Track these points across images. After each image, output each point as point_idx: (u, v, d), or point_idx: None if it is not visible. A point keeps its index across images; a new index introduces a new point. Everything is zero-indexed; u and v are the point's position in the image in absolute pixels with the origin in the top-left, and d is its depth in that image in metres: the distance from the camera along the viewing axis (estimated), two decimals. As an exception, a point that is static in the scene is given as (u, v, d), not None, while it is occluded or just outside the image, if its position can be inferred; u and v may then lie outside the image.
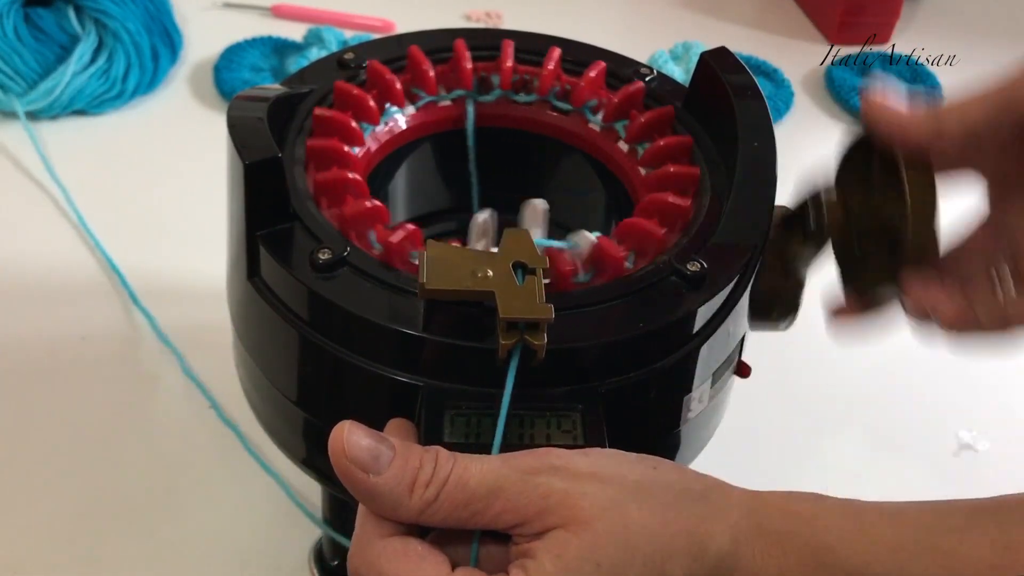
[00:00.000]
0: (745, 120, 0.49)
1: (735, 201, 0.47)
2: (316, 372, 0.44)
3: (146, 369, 0.67)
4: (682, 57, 0.98)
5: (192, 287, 0.72)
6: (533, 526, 0.35)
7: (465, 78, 0.53)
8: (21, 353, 0.67)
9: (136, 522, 0.59)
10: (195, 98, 0.90)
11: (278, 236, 0.43)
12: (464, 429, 0.39)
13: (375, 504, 0.35)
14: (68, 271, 0.73)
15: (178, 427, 0.64)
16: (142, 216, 0.78)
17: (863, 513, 0.38)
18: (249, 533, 0.59)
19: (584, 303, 0.42)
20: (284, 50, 0.95)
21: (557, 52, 0.54)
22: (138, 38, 0.86)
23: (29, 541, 0.58)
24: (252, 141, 0.43)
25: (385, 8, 1.02)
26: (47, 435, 0.63)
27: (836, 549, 0.37)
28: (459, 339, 0.40)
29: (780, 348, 0.56)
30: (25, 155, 0.82)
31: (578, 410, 0.40)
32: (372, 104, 0.51)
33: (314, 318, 0.42)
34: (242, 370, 0.50)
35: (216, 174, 0.48)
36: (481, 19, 1.05)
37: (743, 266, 0.45)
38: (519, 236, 0.41)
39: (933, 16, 1.15)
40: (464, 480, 0.35)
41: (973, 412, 0.71)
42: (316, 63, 0.54)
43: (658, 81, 0.55)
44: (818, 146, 0.96)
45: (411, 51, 0.53)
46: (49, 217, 0.77)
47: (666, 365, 0.42)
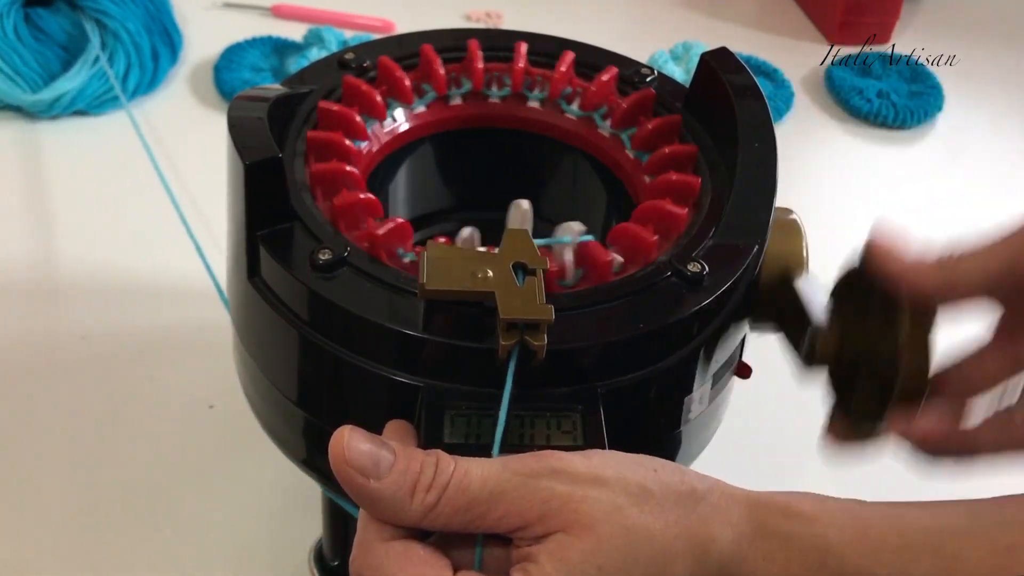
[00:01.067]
0: (745, 120, 0.49)
1: (735, 201, 0.47)
2: (316, 372, 0.44)
3: (146, 369, 0.67)
4: (682, 57, 0.98)
5: (192, 287, 0.72)
6: (534, 530, 0.35)
7: (477, 77, 0.54)
8: (21, 353, 0.67)
9: (136, 522, 0.59)
10: (195, 98, 0.90)
11: (278, 236, 0.43)
12: (464, 429, 0.39)
13: (376, 509, 0.35)
14: (68, 271, 0.73)
15: (178, 427, 0.64)
16: (142, 216, 0.78)
17: (865, 514, 0.38)
18: (249, 533, 0.59)
19: (584, 303, 0.42)
20: (284, 50, 0.95)
21: (571, 56, 0.54)
22: (138, 38, 0.86)
23: (29, 541, 0.58)
24: (252, 141, 0.43)
25: (385, 8, 1.02)
26: (47, 435, 0.63)
27: (838, 551, 0.36)
28: (459, 339, 0.40)
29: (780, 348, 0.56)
30: (25, 154, 0.82)
31: (578, 411, 0.40)
32: (379, 99, 0.51)
33: (314, 318, 0.42)
34: (242, 370, 0.50)
35: (216, 174, 0.48)
36: (481, 19, 1.05)
37: (743, 266, 0.45)
38: (519, 236, 0.41)
39: (933, 16, 1.15)
40: (465, 484, 0.35)
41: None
42: (316, 63, 0.54)
43: (658, 81, 0.55)
44: (818, 146, 0.97)
45: (423, 49, 0.53)
46: (49, 217, 0.77)
47: (666, 366, 0.42)
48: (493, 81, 0.55)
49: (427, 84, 0.54)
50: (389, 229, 0.43)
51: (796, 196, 0.51)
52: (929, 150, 0.96)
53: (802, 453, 0.68)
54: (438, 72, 0.53)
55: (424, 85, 0.54)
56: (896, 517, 0.38)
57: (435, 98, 0.54)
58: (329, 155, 0.47)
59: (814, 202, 0.88)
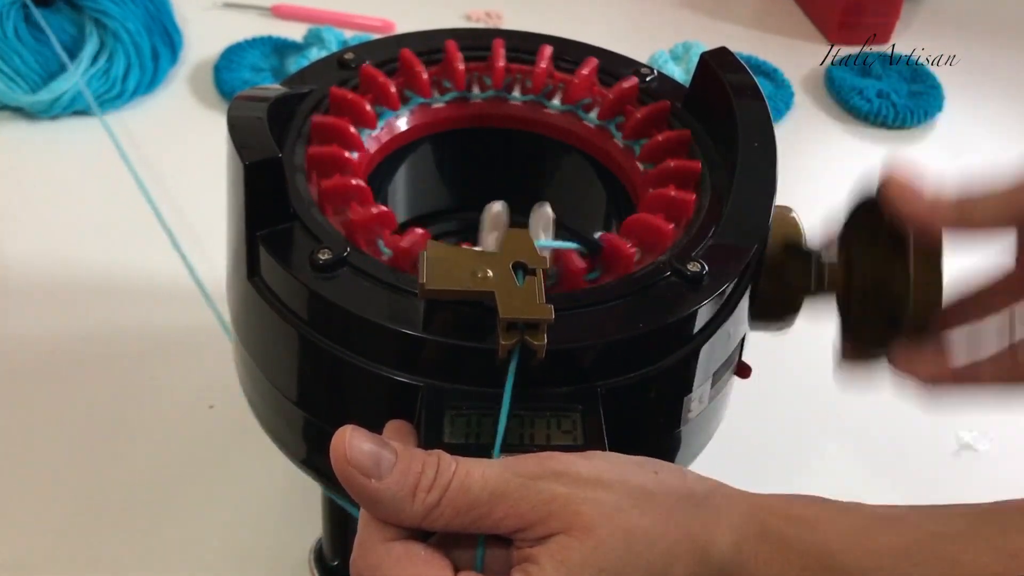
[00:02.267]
0: (745, 120, 0.49)
1: (735, 201, 0.47)
2: (316, 372, 0.44)
3: (146, 369, 0.67)
4: (682, 57, 0.98)
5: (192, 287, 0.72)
6: (535, 531, 0.35)
7: (458, 79, 0.53)
8: (21, 353, 0.67)
9: (136, 522, 0.59)
10: (195, 98, 0.90)
11: (278, 236, 0.43)
12: (464, 429, 0.39)
13: (377, 509, 0.35)
14: (67, 271, 0.73)
15: (178, 427, 0.64)
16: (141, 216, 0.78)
17: (865, 518, 0.38)
18: (249, 533, 0.59)
19: (584, 303, 0.42)
20: (284, 50, 0.95)
21: (549, 50, 0.54)
22: (138, 38, 0.86)
23: (29, 541, 0.58)
24: (252, 141, 0.43)
25: (385, 8, 1.02)
26: (47, 435, 0.63)
27: (838, 554, 0.36)
28: (459, 339, 0.40)
29: (780, 348, 0.56)
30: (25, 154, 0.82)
31: (578, 410, 0.40)
32: (368, 108, 0.51)
33: (314, 318, 0.42)
34: (242, 370, 0.50)
35: (216, 174, 0.48)
36: (481, 19, 1.05)
37: (743, 266, 0.45)
38: (519, 236, 0.41)
39: (933, 16, 1.15)
40: (466, 485, 0.35)
41: (973, 412, 0.71)
42: (316, 63, 0.54)
43: (658, 81, 0.55)
44: (818, 146, 0.97)
45: (402, 54, 0.53)
46: (49, 216, 0.77)
47: (666, 365, 0.42)
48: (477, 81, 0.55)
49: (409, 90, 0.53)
50: (413, 242, 0.43)
51: (796, 196, 0.51)
52: (929, 150, 0.96)
53: (803, 454, 0.68)
54: (420, 76, 0.53)
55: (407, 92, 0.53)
56: (897, 521, 0.38)
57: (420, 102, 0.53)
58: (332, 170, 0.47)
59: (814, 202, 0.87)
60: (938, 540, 0.37)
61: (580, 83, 0.53)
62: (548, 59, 0.54)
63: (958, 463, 0.68)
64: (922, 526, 0.37)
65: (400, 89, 0.53)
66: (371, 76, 0.52)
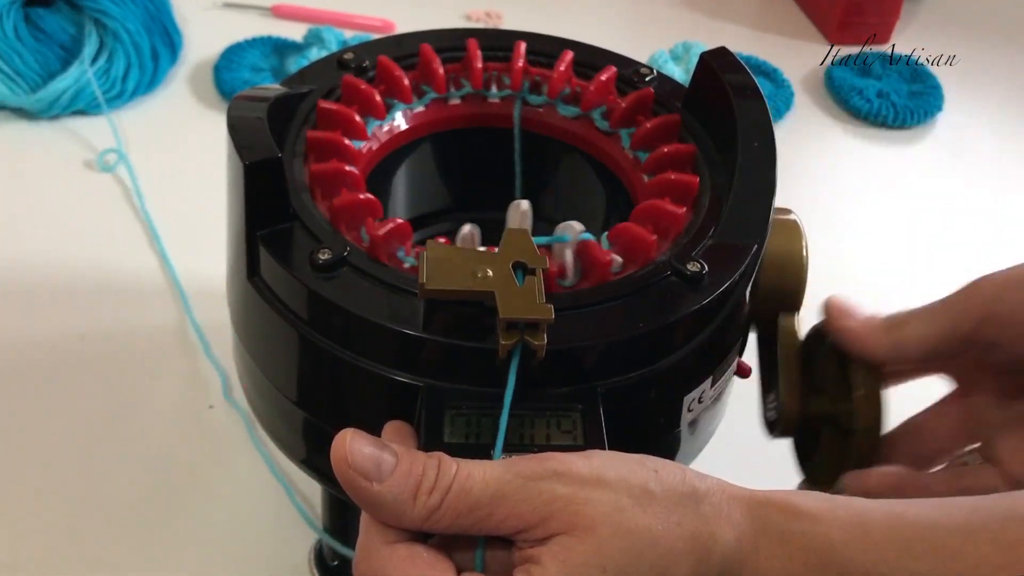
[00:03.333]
0: (745, 120, 0.49)
1: (735, 201, 0.47)
2: (316, 372, 0.44)
3: (146, 369, 0.67)
4: (682, 57, 0.98)
5: (191, 287, 0.72)
6: (537, 532, 0.35)
7: (476, 77, 0.53)
8: (21, 353, 0.67)
9: (136, 522, 0.59)
10: (195, 98, 0.90)
11: (278, 236, 0.43)
12: (464, 429, 0.39)
13: (379, 512, 0.35)
14: (67, 270, 0.73)
15: (178, 427, 0.64)
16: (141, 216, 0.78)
17: (866, 512, 0.38)
18: (249, 533, 0.59)
19: (584, 303, 0.42)
20: (284, 50, 0.95)
21: (570, 55, 0.54)
22: (138, 38, 0.86)
23: (29, 541, 0.58)
24: (252, 141, 0.43)
25: (385, 8, 1.02)
26: (46, 435, 0.63)
27: (840, 549, 0.36)
28: (459, 339, 0.40)
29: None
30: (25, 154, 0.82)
31: (578, 410, 0.40)
32: (378, 99, 0.51)
33: (314, 318, 0.42)
34: (242, 370, 0.50)
35: (216, 174, 0.48)
36: (481, 19, 1.05)
37: (743, 266, 0.45)
38: (519, 236, 0.41)
39: (933, 16, 1.15)
40: (467, 487, 0.35)
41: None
42: (316, 63, 0.54)
43: (658, 81, 0.55)
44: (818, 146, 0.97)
45: (422, 48, 0.53)
46: (49, 216, 0.77)
47: (666, 365, 0.42)
48: (492, 81, 0.55)
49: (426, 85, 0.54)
50: (389, 229, 0.43)
51: (796, 196, 0.51)
52: (929, 150, 0.96)
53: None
54: (437, 72, 0.53)
55: (423, 86, 0.54)
56: (898, 515, 0.38)
57: (435, 98, 0.54)
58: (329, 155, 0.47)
59: (814, 202, 0.88)
60: (939, 532, 0.37)
61: (597, 89, 0.53)
62: (568, 63, 0.54)
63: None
64: (923, 519, 0.37)
65: (415, 84, 0.53)
66: (387, 68, 0.52)
